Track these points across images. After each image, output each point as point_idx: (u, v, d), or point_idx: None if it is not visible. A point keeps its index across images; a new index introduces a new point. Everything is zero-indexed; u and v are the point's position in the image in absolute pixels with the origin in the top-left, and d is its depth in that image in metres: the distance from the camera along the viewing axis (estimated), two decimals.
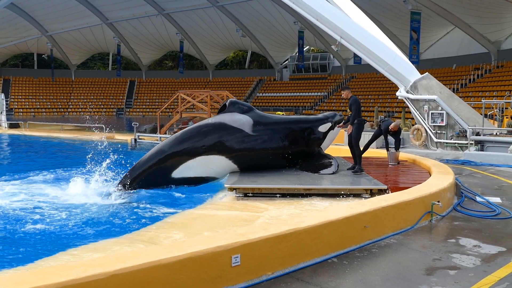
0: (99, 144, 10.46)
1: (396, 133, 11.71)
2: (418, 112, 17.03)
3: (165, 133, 21.16)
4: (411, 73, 17.27)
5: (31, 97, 55.74)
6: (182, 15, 51.04)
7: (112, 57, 62.18)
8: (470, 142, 15.32)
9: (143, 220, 7.37)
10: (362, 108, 10.51)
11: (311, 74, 53.82)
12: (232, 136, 9.67)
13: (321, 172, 9.70)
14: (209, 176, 9.81)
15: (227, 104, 10.25)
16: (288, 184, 8.70)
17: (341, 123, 10.73)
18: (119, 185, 9.51)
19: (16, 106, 53.21)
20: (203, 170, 9.70)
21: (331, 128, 10.54)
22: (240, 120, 9.78)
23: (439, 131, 16.66)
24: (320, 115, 10.95)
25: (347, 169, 10.00)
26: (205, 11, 49.43)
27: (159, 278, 3.89)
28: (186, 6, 48.99)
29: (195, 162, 9.57)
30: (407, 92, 17.12)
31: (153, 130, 21.79)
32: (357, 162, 9.72)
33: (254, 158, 9.91)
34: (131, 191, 9.33)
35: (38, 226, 6.95)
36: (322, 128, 10.43)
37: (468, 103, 17.77)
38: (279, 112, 35.47)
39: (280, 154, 10.09)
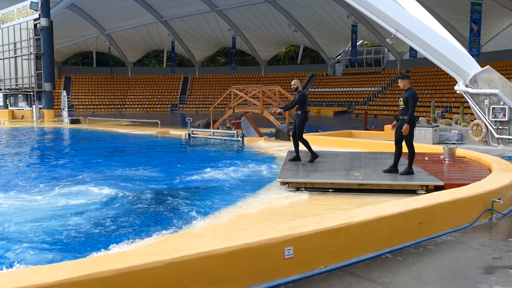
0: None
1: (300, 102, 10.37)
2: (478, 107, 16.37)
3: (218, 128, 21.44)
4: (471, 66, 16.59)
5: (90, 94, 58.03)
6: (234, 11, 51.49)
7: (167, 54, 63.68)
8: None
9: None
10: (418, 104, 9.63)
11: (365, 69, 52.85)
12: None
13: None
14: None
15: None
16: (341, 179, 8.63)
17: (394, 122, 10.14)
18: None
19: (76, 103, 55.56)
20: None
21: None
22: None
23: (500, 127, 15.95)
24: None
25: (383, 171, 9.12)
26: (257, 7, 49.64)
27: (213, 268, 3.98)
28: (238, 2, 49.39)
29: None
30: (466, 86, 16.48)
31: (207, 125, 22.10)
32: (408, 163, 8.87)
33: None
34: None
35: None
36: None
37: None
38: None
39: None
